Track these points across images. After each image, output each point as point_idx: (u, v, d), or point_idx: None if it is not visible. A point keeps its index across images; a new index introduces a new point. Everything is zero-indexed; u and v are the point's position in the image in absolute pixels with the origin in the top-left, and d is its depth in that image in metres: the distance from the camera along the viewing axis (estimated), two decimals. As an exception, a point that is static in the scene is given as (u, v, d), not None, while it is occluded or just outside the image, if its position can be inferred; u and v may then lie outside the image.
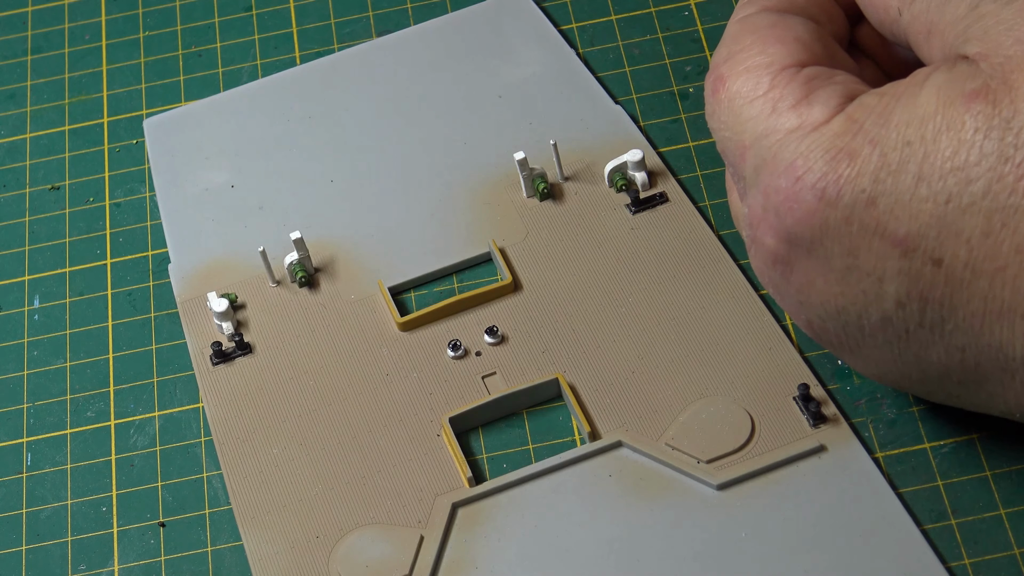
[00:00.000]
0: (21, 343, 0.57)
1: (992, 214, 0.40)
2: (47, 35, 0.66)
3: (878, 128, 0.42)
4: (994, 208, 0.40)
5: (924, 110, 0.41)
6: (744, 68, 0.45)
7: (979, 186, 0.40)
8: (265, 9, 0.66)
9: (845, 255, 0.43)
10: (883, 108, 0.42)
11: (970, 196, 0.41)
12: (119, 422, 0.55)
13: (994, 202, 0.40)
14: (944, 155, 0.41)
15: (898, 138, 0.41)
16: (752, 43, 0.46)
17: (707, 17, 0.62)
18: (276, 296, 0.56)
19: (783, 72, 0.45)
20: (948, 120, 0.41)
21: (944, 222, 0.41)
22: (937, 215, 0.41)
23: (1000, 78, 0.41)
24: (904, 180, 0.41)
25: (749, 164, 0.45)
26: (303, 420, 0.53)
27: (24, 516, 0.53)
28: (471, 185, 0.58)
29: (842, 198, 0.42)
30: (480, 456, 0.52)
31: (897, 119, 0.42)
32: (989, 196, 0.40)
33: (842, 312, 0.44)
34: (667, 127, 0.59)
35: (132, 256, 0.59)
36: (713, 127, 0.46)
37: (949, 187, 0.41)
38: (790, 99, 0.44)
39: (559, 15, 0.63)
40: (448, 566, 0.49)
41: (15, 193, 0.61)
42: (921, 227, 0.41)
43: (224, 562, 0.51)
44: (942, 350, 0.43)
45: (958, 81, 0.41)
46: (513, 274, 0.55)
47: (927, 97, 0.42)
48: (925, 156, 0.41)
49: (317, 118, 0.61)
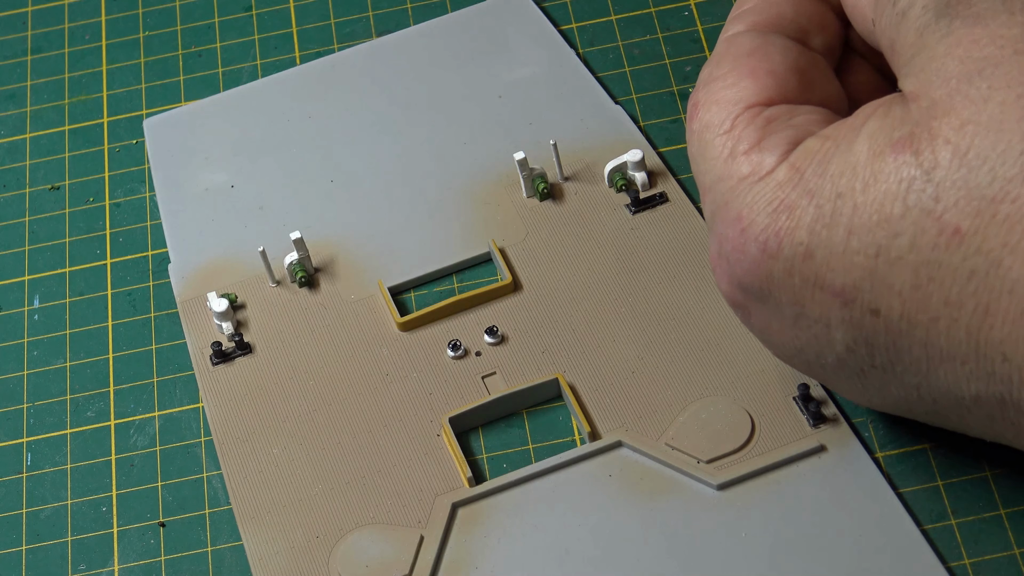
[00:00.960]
0: (21, 343, 0.57)
1: (919, 267, 0.40)
2: (47, 35, 0.66)
3: (816, 178, 0.42)
4: (920, 262, 0.40)
5: (856, 159, 0.41)
6: (715, 100, 0.45)
7: (904, 240, 0.40)
8: (265, 9, 0.66)
9: (792, 304, 0.43)
10: (823, 155, 0.42)
11: (897, 249, 0.40)
12: (119, 422, 0.55)
13: (919, 255, 0.40)
14: (872, 207, 0.41)
15: (832, 189, 0.41)
16: (727, 72, 0.46)
17: (707, 17, 0.62)
18: (276, 296, 0.56)
19: (746, 112, 0.44)
20: (875, 171, 0.41)
21: (876, 275, 0.41)
22: (868, 268, 0.41)
23: (924, 124, 0.40)
24: (837, 232, 0.41)
25: (707, 207, 0.45)
26: (303, 420, 0.53)
27: (24, 516, 0.53)
28: (471, 185, 0.58)
29: (782, 251, 0.42)
30: (480, 456, 0.52)
31: (833, 168, 0.42)
32: (914, 250, 0.40)
33: (801, 352, 0.45)
34: (667, 127, 0.59)
35: (132, 256, 0.59)
36: (690, 156, 0.47)
37: (878, 240, 0.41)
38: (745, 143, 0.44)
39: (559, 15, 0.63)
40: (448, 566, 0.49)
41: (15, 193, 0.61)
42: (856, 279, 0.41)
43: (224, 562, 0.51)
44: (899, 386, 0.44)
45: (887, 128, 0.41)
46: (513, 274, 0.55)
47: (860, 145, 0.41)
48: (855, 208, 0.41)
49: (317, 118, 0.61)
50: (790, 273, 0.43)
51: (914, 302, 0.41)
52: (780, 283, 0.43)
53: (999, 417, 0.42)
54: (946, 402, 0.43)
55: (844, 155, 0.42)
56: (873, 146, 0.41)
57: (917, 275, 0.40)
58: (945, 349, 0.41)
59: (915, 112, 0.41)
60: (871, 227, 0.41)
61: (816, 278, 0.42)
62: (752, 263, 0.43)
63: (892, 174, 0.40)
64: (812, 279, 0.42)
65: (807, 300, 0.43)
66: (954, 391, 0.42)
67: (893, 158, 0.40)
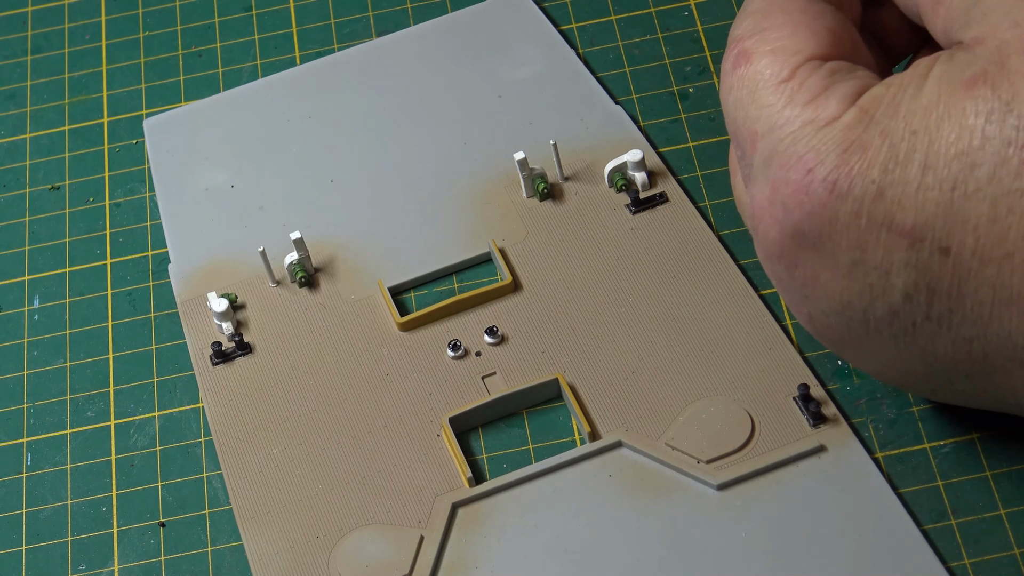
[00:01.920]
0: (21, 343, 0.57)
1: (997, 200, 0.40)
2: (47, 35, 0.66)
3: (888, 119, 0.42)
4: (999, 193, 0.40)
5: (928, 99, 0.41)
6: (771, 49, 0.45)
7: (984, 171, 0.40)
8: (265, 9, 0.66)
9: (853, 249, 0.43)
10: (891, 98, 0.42)
11: (975, 182, 0.40)
12: (119, 422, 0.55)
13: (999, 187, 0.40)
14: (947, 141, 0.41)
15: (905, 128, 0.41)
16: (783, 23, 0.45)
17: (707, 17, 0.62)
18: (276, 296, 0.56)
19: (808, 63, 0.44)
20: (949, 107, 0.41)
21: (950, 210, 0.41)
22: (943, 203, 0.41)
23: (998, 62, 0.41)
24: (911, 170, 0.41)
25: (760, 154, 0.44)
26: (303, 420, 0.53)
27: (24, 516, 0.53)
28: (471, 185, 0.58)
29: (852, 191, 0.42)
30: (480, 456, 0.52)
31: (904, 109, 0.42)
32: (994, 181, 0.40)
33: (847, 307, 0.44)
34: (667, 127, 0.59)
35: (132, 256, 0.59)
36: (727, 105, 0.46)
37: (954, 174, 0.40)
38: (808, 92, 0.44)
39: (559, 15, 0.63)
40: (448, 566, 0.49)
41: (15, 193, 0.61)
42: (928, 216, 0.41)
43: (224, 562, 0.51)
44: (949, 343, 0.43)
45: (957, 69, 0.41)
46: (513, 274, 0.55)
47: (930, 87, 0.41)
48: (930, 144, 0.41)
49: (317, 118, 0.61)
50: (857, 214, 0.42)
51: (990, 237, 0.40)
52: (845, 225, 0.42)
53: None
54: (998, 358, 0.42)
55: (914, 98, 0.42)
56: (944, 86, 0.41)
57: (995, 207, 0.40)
58: (1016, 289, 0.41)
59: (983, 54, 0.41)
60: (948, 161, 0.41)
61: (885, 218, 0.42)
62: (817, 204, 0.42)
63: (969, 108, 0.40)
64: (880, 219, 0.42)
65: (871, 243, 0.42)
66: (1014, 338, 0.41)
67: (967, 93, 0.40)
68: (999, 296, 0.41)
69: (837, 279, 0.43)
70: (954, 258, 0.41)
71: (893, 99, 0.42)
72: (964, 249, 0.41)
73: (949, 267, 0.41)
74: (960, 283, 0.41)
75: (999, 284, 0.41)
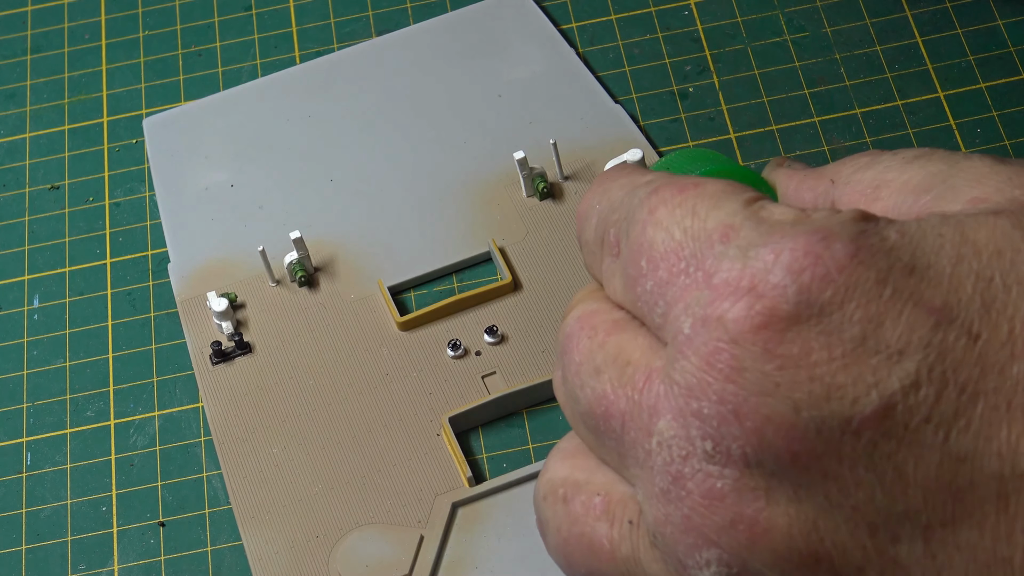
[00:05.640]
0: (21, 343, 0.57)
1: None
2: (47, 35, 0.66)
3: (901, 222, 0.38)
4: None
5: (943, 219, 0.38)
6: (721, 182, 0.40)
7: None
8: (265, 9, 0.66)
9: (867, 322, 0.36)
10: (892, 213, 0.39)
11: (1016, 275, 0.36)
12: (119, 422, 0.55)
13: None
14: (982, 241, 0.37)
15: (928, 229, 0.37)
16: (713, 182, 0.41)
17: (707, 17, 0.62)
18: (276, 296, 0.56)
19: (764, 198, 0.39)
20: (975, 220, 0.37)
21: (988, 294, 0.36)
22: (981, 288, 0.36)
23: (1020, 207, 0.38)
24: (943, 257, 0.37)
25: (740, 241, 0.37)
26: (303, 420, 0.53)
27: (24, 516, 0.53)
28: (471, 185, 0.58)
29: (877, 261, 0.36)
30: (480, 456, 0.52)
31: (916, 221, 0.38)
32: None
33: (833, 395, 0.36)
34: (667, 127, 0.59)
35: (132, 256, 0.59)
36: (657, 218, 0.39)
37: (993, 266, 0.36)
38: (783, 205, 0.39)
39: (559, 15, 0.63)
40: (448, 566, 0.49)
41: (15, 193, 0.61)
42: (964, 297, 0.36)
43: (224, 562, 0.51)
44: (934, 461, 0.36)
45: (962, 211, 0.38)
46: (513, 274, 0.55)
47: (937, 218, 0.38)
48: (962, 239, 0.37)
49: (317, 118, 0.61)
50: (882, 282, 0.36)
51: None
52: (865, 293, 0.36)
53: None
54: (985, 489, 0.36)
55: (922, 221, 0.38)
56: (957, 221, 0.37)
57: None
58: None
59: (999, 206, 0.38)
60: (987, 257, 0.36)
61: (914, 292, 0.36)
62: (835, 267, 0.36)
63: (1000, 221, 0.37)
64: (908, 292, 0.36)
65: (890, 317, 0.36)
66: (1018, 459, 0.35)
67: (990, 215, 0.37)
68: (1018, 401, 0.35)
69: (834, 358, 0.36)
70: (982, 346, 0.36)
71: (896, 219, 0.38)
72: (996, 338, 0.36)
73: (974, 356, 0.36)
74: (981, 377, 0.36)
75: (1021, 386, 0.35)
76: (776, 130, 0.59)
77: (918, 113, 0.59)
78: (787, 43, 0.61)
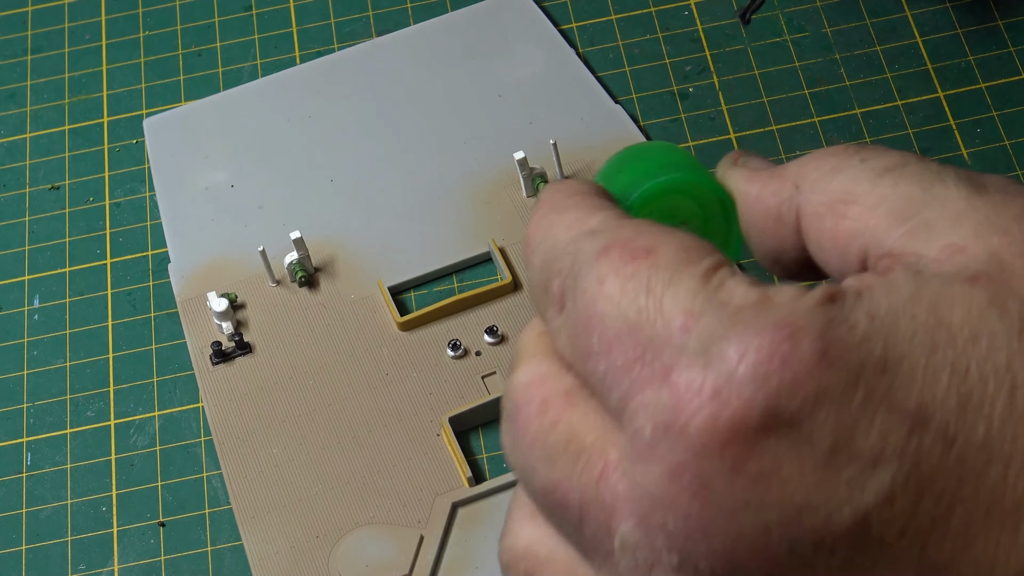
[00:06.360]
0: (21, 343, 0.57)
1: (1017, 387, 0.34)
2: (47, 35, 0.66)
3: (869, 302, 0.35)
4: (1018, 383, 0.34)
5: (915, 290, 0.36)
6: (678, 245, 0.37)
7: (1002, 357, 0.34)
8: (265, 9, 0.66)
9: (839, 430, 0.34)
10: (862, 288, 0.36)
11: (992, 365, 0.34)
12: (119, 422, 0.55)
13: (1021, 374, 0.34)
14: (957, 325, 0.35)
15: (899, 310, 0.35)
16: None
17: (707, 17, 0.62)
18: (276, 296, 0.56)
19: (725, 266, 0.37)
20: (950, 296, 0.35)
21: (963, 391, 0.34)
22: (955, 383, 0.34)
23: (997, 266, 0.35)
24: (915, 347, 0.34)
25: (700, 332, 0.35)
26: (303, 420, 0.53)
27: (24, 516, 0.53)
28: (471, 185, 0.58)
29: (848, 360, 0.34)
30: (480, 456, 0.52)
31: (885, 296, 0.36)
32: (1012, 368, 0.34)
33: (805, 512, 0.34)
34: (667, 127, 0.59)
35: (132, 256, 0.59)
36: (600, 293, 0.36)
37: (968, 354, 0.34)
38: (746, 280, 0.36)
39: (559, 15, 0.63)
40: (448, 566, 0.49)
41: (15, 193, 0.61)
42: (938, 396, 0.34)
43: (224, 562, 0.51)
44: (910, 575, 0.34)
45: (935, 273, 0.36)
46: (513, 274, 0.55)
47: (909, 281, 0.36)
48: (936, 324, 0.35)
49: (317, 118, 0.61)
50: (853, 386, 0.34)
51: (1004, 429, 0.34)
52: (836, 399, 0.34)
53: None
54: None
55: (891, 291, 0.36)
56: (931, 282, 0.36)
57: (1014, 395, 0.34)
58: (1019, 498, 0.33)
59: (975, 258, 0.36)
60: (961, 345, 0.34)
61: (887, 393, 0.34)
62: (803, 371, 0.34)
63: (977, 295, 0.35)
64: (881, 395, 0.34)
65: (862, 424, 0.34)
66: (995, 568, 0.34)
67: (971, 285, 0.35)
68: (996, 507, 0.34)
69: (805, 472, 0.34)
70: (958, 450, 0.34)
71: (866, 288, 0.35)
72: (972, 440, 0.34)
73: (951, 461, 0.34)
74: (957, 485, 0.34)
75: (998, 491, 0.33)
76: (776, 130, 0.59)
77: (918, 113, 0.59)
78: (787, 43, 0.61)
